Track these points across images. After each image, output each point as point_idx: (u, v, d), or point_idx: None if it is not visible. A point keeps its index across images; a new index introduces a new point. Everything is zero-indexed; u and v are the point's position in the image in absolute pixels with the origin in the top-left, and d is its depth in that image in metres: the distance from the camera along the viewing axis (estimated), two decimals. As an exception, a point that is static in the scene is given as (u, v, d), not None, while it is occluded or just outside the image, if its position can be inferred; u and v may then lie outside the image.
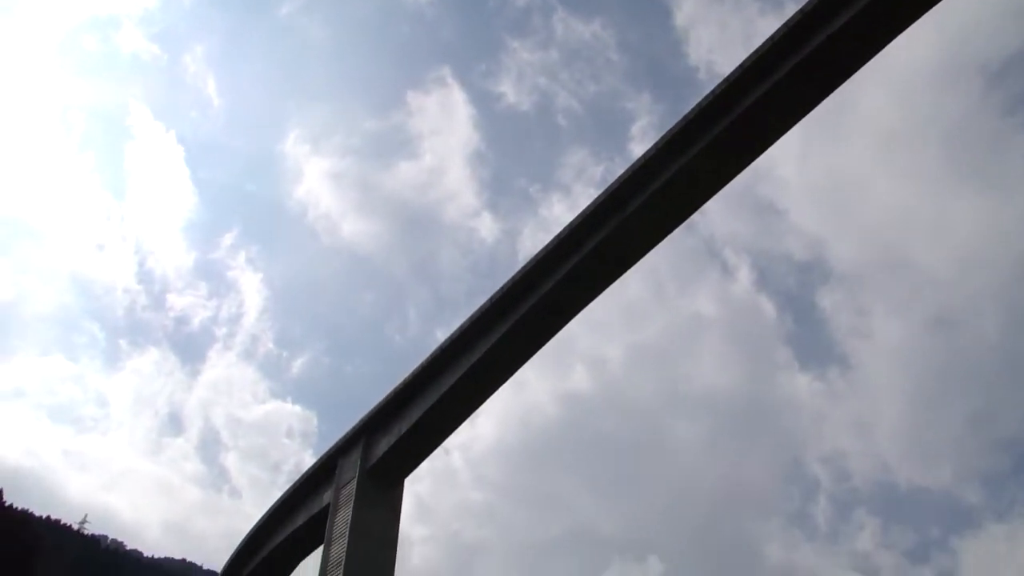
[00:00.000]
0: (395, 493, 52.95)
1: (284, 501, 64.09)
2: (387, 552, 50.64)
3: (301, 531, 61.60)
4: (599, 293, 46.26)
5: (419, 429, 50.71)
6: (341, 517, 51.64)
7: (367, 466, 52.18)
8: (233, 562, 75.42)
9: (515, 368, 49.48)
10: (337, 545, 50.44)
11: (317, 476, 58.99)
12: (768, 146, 40.20)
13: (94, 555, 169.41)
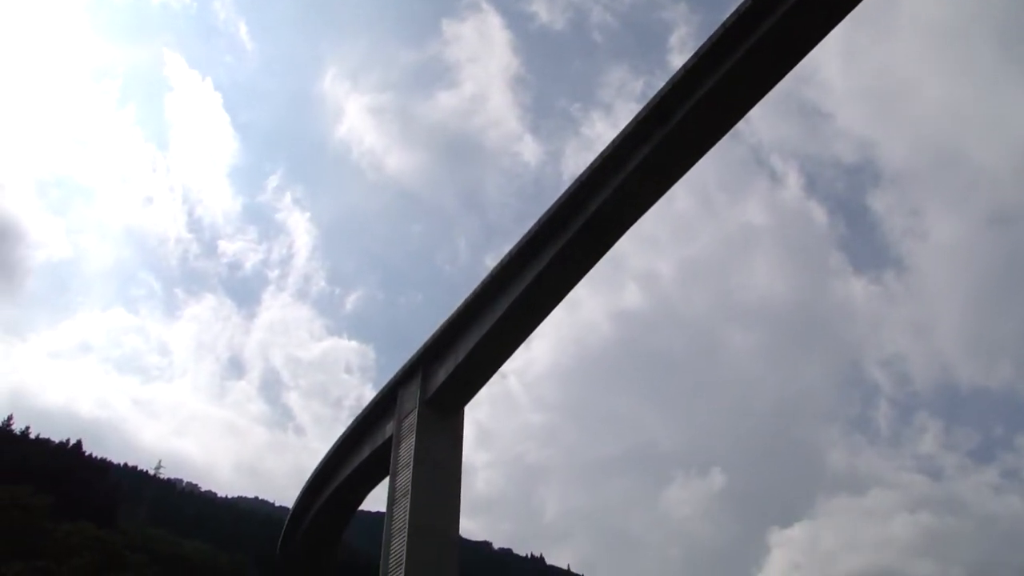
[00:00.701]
0: (455, 421, 53.48)
1: (348, 435, 65.14)
2: (451, 479, 51.29)
3: (366, 464, 62.66)
4: (647, 209, 45.66)
5: (475, 356, 50.94)
6: (404, 447, 52.31)
7: (426, 396, 52.69)
8: (304, 497, 77.14)
9: (567, 290, 49.29)
10: (402, 475, 51.17)
11: (378, 409, 59.75)
12: (811, 47, 39.02)
13: (170, 498, 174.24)
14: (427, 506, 48.85)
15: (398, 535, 48.63)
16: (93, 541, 51.52)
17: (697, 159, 43.24)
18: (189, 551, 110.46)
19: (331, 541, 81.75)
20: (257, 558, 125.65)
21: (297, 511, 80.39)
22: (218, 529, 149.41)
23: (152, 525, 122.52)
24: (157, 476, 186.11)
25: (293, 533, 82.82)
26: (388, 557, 48.60)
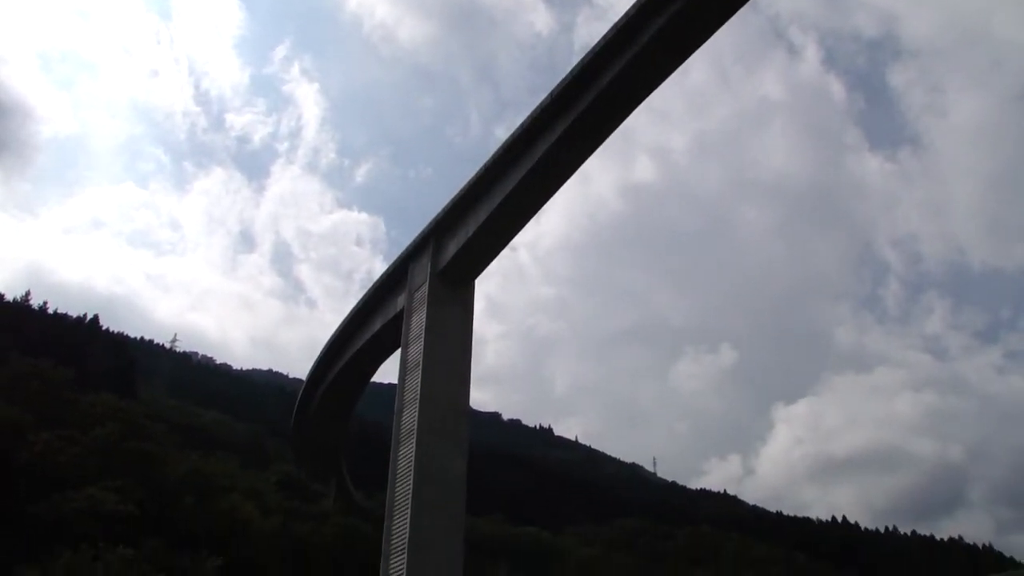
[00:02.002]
0: (467, 293, 53.86)
1: (360, 308, 65.82)
2: (462, 351, 51.94)
3: (378, 336, 63.48)
4: (661, 82, 44.90)
5: (487, 229, 50.93)
6: (416, 320, 52.87)
7: (438, 269, 52.96)
8: (317, 369, 78.41)
9: (579, 163, 48.96)
10: (414, 347, 51.86)
11: (390, 281, 60.18)
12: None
13: (187, 371, 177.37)
14: (438, 377, 49.63)
15: (409, 406, 49.57)
16: (115, 411, 52.70)
17: (713, 31, 42.24)
18: (207, 421, 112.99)
19: (343, 412, 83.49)
20: (271, 429, 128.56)
21: (310, 383, 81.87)
22: (233, 400, 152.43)
23: (170, 397, 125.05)
24: (173, 349, 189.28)
25: (306, 405, 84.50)
26: (399, 428, 49.66)
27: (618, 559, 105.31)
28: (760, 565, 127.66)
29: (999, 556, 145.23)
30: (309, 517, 57.59)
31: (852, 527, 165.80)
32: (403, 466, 47.50)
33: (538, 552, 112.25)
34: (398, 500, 46.52)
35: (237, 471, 51.29)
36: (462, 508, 47.89)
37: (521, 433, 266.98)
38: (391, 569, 44.29)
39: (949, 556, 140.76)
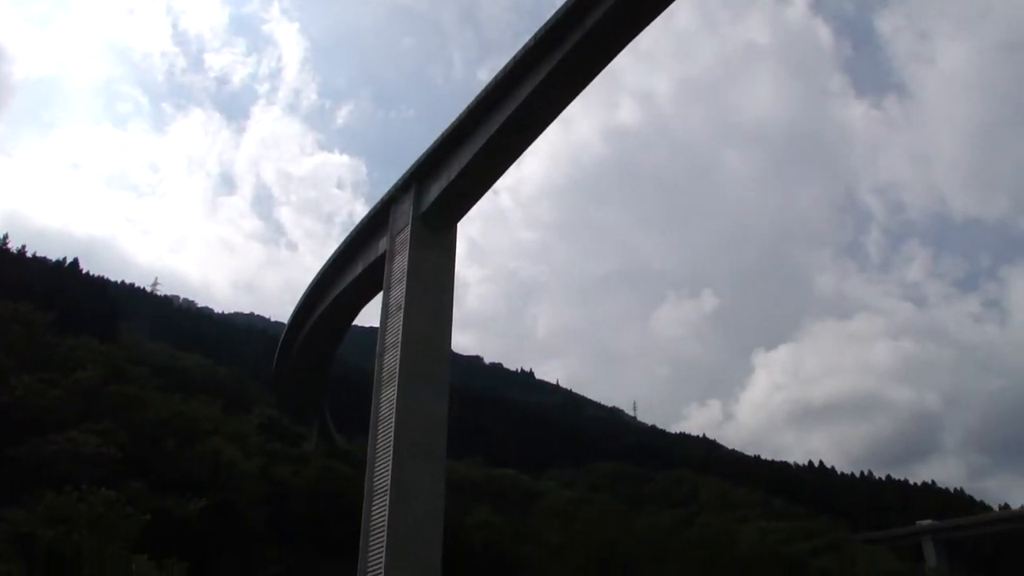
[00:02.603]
0: (449, 237, 53.68)
1: (341, 251, 65.62)
2: (444, 294, 51.90)
3: (360, 279, 63.36)
4: (646, 24, 44.48)
5: (469, 172, 50.64)
6: (398, 263, 52.73)
7: (420, 212, 52.70)
8: (299, 313, 78.34)
9: (562, 106, 48.62)
10: (395, 290, 51.78)
11: (371, 225, 59.91)
12: None
13: (168, 314, 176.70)
14: (420, 321, 49.65)
15: (391, 349, 49.63)
16: (96, 355, 52.50)
17: (697, -31, 41.76)
18: (188, 365, 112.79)
19: (325, 356, 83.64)
20: (253, 372, 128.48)
21: (292, 326, 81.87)
22: (215, 344, 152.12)
23: (151, 341, 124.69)
24: (154, 293, 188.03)
25: (288, 348, 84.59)
26: (381, 371, 49.78)
27: (597, 502, 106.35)
28: (738, 508, 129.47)
29: (969, 500, 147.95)
30: (291, 460, 57.89)
31: (828, 472, 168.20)
32: (385, 409, 47.68)
33: (518, 494, 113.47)
34: (380, 443, 46.75)
35: (219, 414, 51.31)
36: (443, 451, 48.18)
37: (502, 377, 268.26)
38: (373, 511, 44.63)
39: (922, 500, 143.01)
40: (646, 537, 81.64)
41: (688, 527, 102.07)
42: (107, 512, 26.22)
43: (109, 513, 26.26)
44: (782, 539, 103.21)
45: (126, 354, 59.99)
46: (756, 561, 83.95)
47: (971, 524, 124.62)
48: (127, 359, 55.95)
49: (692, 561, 76.28)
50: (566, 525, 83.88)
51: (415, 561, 42.59)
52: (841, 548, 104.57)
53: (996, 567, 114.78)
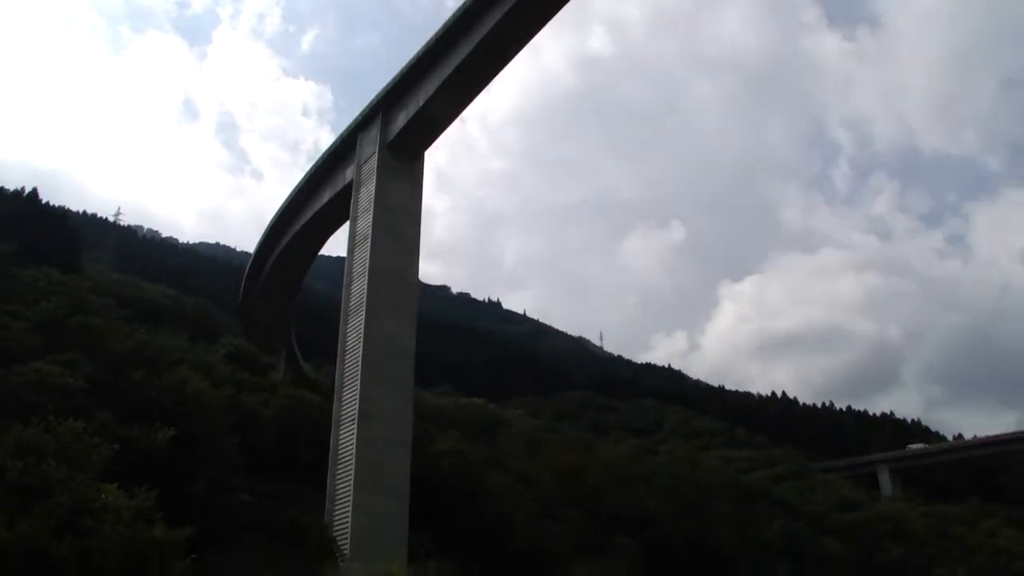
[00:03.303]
0: (416, 166, 53.32)
1: (307, 180, 65.01)
2: (411, 223, 51.75)
3: (326, 209, 62.91)
4: (615, -51, 43.95)
5: (437, 101, 50.15)
6: (364, 192, 52.37)
7: (386, 141, 52.20)
8: (265, 242, 77.79)
9: (532, 33, 48.10)
10: (362, 220, 51.50)
11: (338, 153, 59.30)
12: None
13: (132, 245, 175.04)
14: (386, 250, 49.52)
15: (358, 279, 49.53)
16: (59, 286, 51.86)
17: None
18: (154, 296, 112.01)
19: (292, 285, 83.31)
20: (220, 303, 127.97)
21: (258, 256, 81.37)
22: (180, 275, 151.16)
23: (115, 272, 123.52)
24: (117, 223, 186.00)
25: (255, 278, 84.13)
26: (349, 300, 49.72)
27: (563, 430, 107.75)
28: (701, 437, 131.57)
29: (926, 430, 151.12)
30: (259, 389, 57.81)
31: (791, 402, 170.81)
32: (352, 338, 47.74)
33: (485, 423, 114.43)
34: (347, 372, 46.90)
35: (186, 345, 51.10)
36: (410, 379, 48.52)
37: (470, 306, 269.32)
38: (341, 439, 44.94)
39: (880, 430, 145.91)
40: (611, 464, 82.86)
41: (652, 455, 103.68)
42: (75, 442, 26.10)
43: (77, 443, 26.14)
44: (744, 467, 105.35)
45: (89, 285, 59.30)
46: (718, 488, 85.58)
47: (925, 454, 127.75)
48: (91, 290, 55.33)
49: (656, 488, 77.58)
50: (532, 453, 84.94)
51: (383, 487, 43.05)
52: (801, 476, 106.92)
53: (947, 494, 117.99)
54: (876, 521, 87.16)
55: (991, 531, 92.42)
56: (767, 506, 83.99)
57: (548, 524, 62.67)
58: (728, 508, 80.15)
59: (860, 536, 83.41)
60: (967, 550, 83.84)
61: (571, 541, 62.56)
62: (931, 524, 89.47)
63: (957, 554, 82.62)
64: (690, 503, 76.36)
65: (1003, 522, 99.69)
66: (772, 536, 75.79)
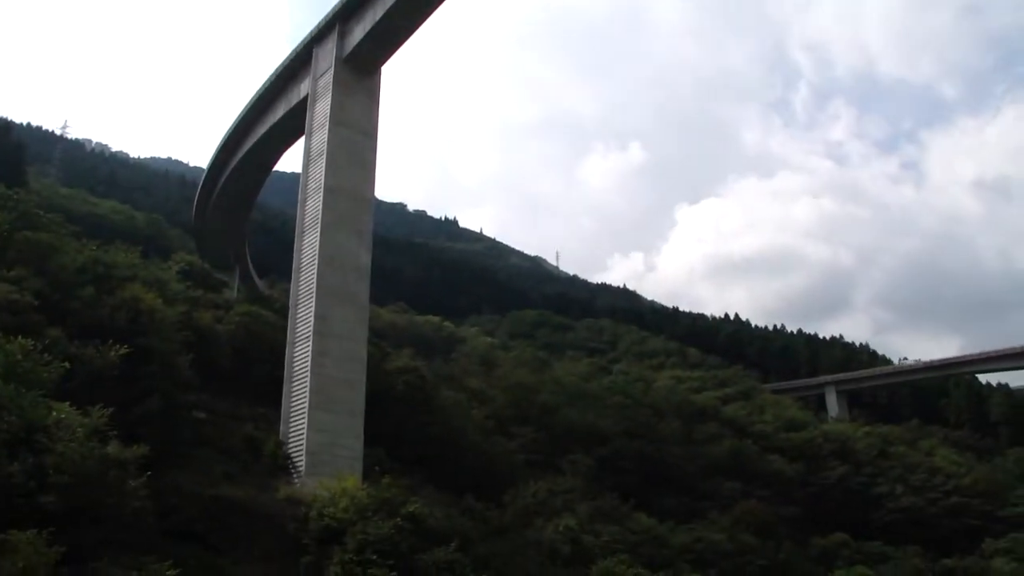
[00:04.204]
0: (373, 81, 52.30)
1: (261, 95, 63.72)
2: (367, 140, 50.99)
3: (281, 124, 61.85)
4: None
5: (394, 14, 48.91)
6: (320, 107, 51.43)
7: (343, 55, 51.06)
8: (217, 157, 76.56)
9: (490, -53, 47.07)
10: (317, 136, 50.65)
11: (293, 67, 58.00)
12: None
13: (81, 158, 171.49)
14: (342, 167, 48.84)
15: (313, 196, 48.92)
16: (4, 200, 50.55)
17: None
18: (104, 211, 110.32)
19: (246, 201, 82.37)
20: (172, 218, 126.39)
21: (211, 171, 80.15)
22: (132, 190, 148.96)
23: (64, 186, 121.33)
24: (64, 136, 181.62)
25: (208, 193, 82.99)
26: (303, 217, 49.18)
27: (518, 348, 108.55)
28: (655, 357, 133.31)
29: (873, 354, 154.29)
30: (213, 306, 57.36)
31: (743, 324, 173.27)
32: (307, 256, 47.38)
33: (441, 340, 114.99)
34: (302, 289, 46.64)
35: (138, 261, 50.34)
36: (366, 296, 48.42)
37: (426, 224, 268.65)
38: (296, 356, 44.86)
39: (829, 353, 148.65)
40: (565, 383, 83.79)
41: (606, 374, 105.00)
42: (24, 360, 25.79)
43: (26, 361, 25.82)
44: (695, 387, 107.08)
45: (38, 200, 58.06)
46: (670, 407, 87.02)
47: (870, 376, 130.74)
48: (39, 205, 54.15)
49: (609, 406, 78.70)
50: (487, 371, 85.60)
51: (338, 403, 43.19)
52: (751, 396, 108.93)
53: (891, 415, 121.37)
54: (821, 441, 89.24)
55: (929, 451, 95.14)
56: (717, 425, 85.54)
57: (502, 441, 63.52)
58: (679, 427, 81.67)
59: (805, 455, 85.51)
60: (906, 469, 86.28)
61: (524, 458, 63.54)
62: (873, 444, 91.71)
63: (897, 472, 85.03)
64: (642, 421, 77.66)
65: (940, 442, 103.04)
66: (721, 454, 77.32)
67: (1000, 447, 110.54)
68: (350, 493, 34.17)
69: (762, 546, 61.05)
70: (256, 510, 33.22)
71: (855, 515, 77.31)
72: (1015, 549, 70.74)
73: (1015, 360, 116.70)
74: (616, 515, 56.92)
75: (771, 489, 74.58)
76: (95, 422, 24.48)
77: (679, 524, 60.81)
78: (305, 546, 32.14)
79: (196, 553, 28.22)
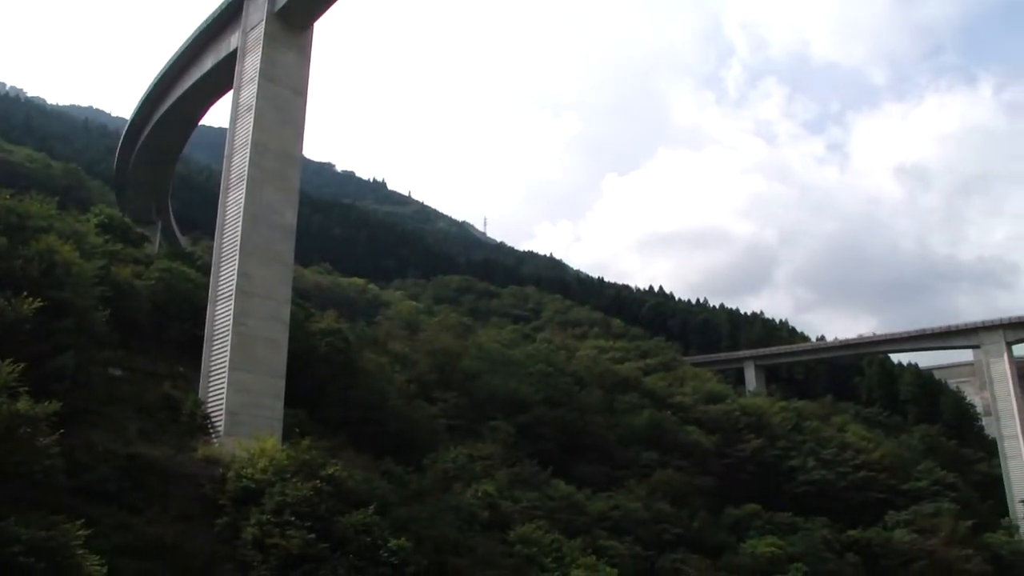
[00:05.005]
0: (305, 36, 51.19)
1: (189, 45, 62.17)
2: (297, 97, 50.04)
3: (209, 76, 60.40)
4: None
5: (329, -33, 48.07)
6: (249, 62, 50.29)
7: (275, 7, 49.82)
8: (142, 108, 74.64)
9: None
10: (246, 90, 49.57)
11: (223, 18, 56.53)
12: None
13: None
14: (270, 123, 47.91)
15: (240, 151, 47.95)
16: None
17: None
18: (19, 159, 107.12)
19: (170, 155, 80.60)
20: (93, 169, 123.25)
21: (135, 123, 78.19)
22: (49, 137, 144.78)
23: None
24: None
25: (131, 145, 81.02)
26: (229, 172, 48.18)
27: (443, 313, 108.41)
28: (579, 326, 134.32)
29: (792, 330, 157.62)
30: (133, 261, 56.09)
31: (667, 297, 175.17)
32: (232, 212, 46.50)
33: (365, 302, 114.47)
34: (226, 247, 45.83)
35: (54, 212, 48.83)
36: (291, 256, 47.80)
37: (354, 185, 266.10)
38: (217, 315, 44.16)
39: (750, 328, 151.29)
40: (488, 349, 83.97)
41: (530, 342, 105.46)
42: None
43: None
44: (618, 357, 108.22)
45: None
46: (592, 376, 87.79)
47: (788, 352, 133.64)
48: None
49: (531, 374, 79.12)
50: (411, 335, 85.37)
51: (259, 363, 42.70)
52: (672, 368, 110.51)
53: (806, 390, 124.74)
54: (739, 414, 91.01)
55: (841, 426, 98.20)
56: (637, 396, 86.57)
57: (423, 405, 63.48)
58: (600, 396, 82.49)
59: (723, 427, 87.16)
60: (818, 443, 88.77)
61: (445, 423, 63.65)
62: (788, 418, 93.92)
63: (809, 446, 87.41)
64: (563, 390, 78.23)
65: (852, 418, 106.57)
66: (640, 424, 78.32)
67: (908, 424, 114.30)
68: (269, 454, 33.88)
69: (677, 515, 62.47)
70: (172, 470, 32.70)
71: (768, 487, 79.42)
72: (916, 521, 74.21)
73: (925, 341, 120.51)
74: (535, 482, 57.56)
75: (688, 460, 75.97)
76: (5, 377, 23.78)
77: (597, 492, 61.70)
78: (222, 507, 31.78)
79: (109, 513, 27.74)
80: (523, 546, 43.17)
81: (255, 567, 29.43)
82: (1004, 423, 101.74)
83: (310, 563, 29.58)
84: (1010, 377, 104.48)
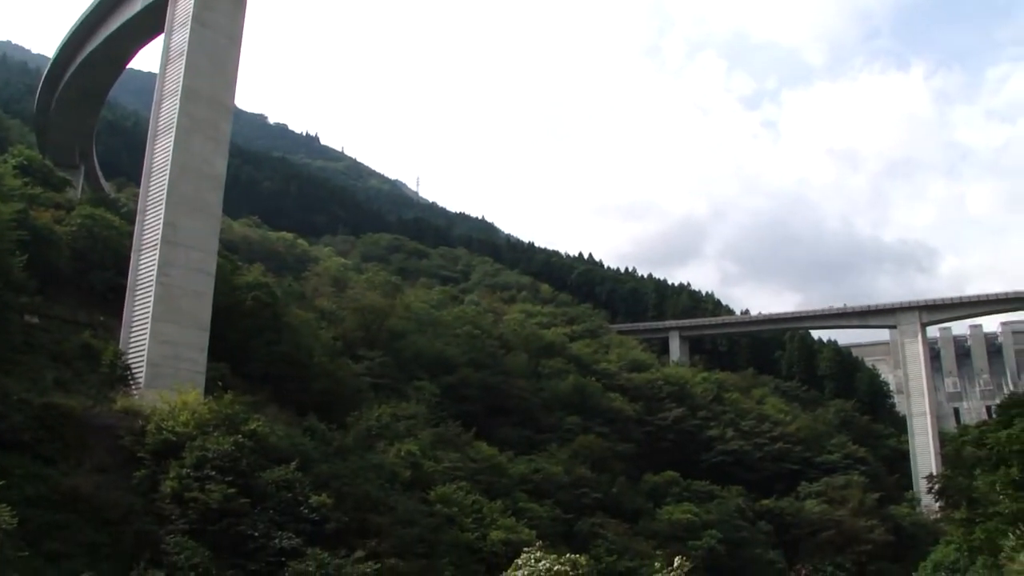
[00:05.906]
0: (240, -18, 50.17)
1: (119, -15, 60.36)
2: (231, 44, 49.04)
3: (139, 17, 58.57)
4: None
5: (266, -85, 46.96)
6: (182, 5, 49.00)
7: (210, -49, 48.68)
8: (66, 47, 72.22)
9: None
10: (178, 34, 48.38)
11: (156, -41, 55.00)
12: None
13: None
14: (202, 70, 46.89)
15: (170, 98, 46.86)
16: None
17: None
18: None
19: (96, 98, 78.26)
20: (11, 108, 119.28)
21: (58, 61, 75.58)
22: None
23: None
24: None
25: (53, 85, 78.43)
26: (158, 119, 47.14)
27: (371, 271, 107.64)
28: (507, 290, 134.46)
29: (717, 303, 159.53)
30: (53, 206, 54.63)
31: (596, 264, 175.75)
32: (159, 160, 45.50)
33: (293, 258, 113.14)
34: (152, 195, 44.87)
35: (-30, 151, 47.35)
36: (218, 207, 47.11)
37: (286, 138, 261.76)
38: (141, 264, 43.31)
39: (676, 299, 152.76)
40: (415, 309, 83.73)
41: (457, 303, 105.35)
42: None
43: None
44: (545, 323, 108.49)
45: None
46: (518, 340, 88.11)
47: (712, 324, 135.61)
48: None
49: (458, 336, 79.14)
50: (338, 292, 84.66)
51: (183, 316, 42.12)
52: (598, 336, 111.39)
53: (728, 362, 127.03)
54: (661, 383, 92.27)
55: (760, 399, 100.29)
56: (563, 361, 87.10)
57: (348, 363, 63.13)
58: (525, 360, 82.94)
59: (645, 395, 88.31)
60: (738, 414, 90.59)
61: (370, 381, 63.40)
62: (709, 389, 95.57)
63: (729, 417, 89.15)
64: (489, 352, 78.47)
65: (772, 391, 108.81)
66: (564, 390, 78.92)
67: (824, 399, 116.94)
68: (191, 407, 33.52)
69: (597, 480, 63.39)
70: (90, 420, 32.13)
71: (687, 455, 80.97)
72: (826, 492, 76.62)
73: (845, 319, 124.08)
74: (457, 443, 57.79)
75: (610, 426, 76.85)
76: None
77: (519, 455, 62.30)
78: (140, 459, 31.41)
79: (23, 463, 27.23)
80: (444, 506, 43.53)
81: (173, 521, 29.17)
82: (914, 401, 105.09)
83: (229, 517, 29.41)
84: (922, 357, 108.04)
